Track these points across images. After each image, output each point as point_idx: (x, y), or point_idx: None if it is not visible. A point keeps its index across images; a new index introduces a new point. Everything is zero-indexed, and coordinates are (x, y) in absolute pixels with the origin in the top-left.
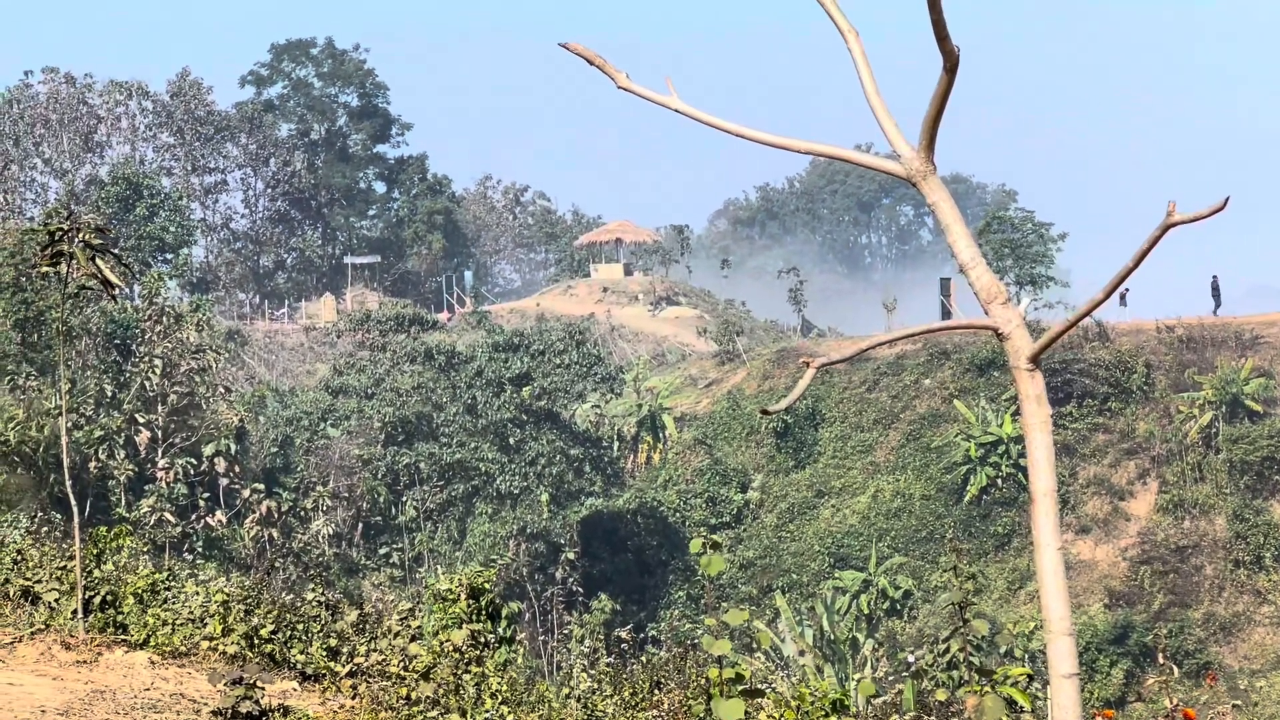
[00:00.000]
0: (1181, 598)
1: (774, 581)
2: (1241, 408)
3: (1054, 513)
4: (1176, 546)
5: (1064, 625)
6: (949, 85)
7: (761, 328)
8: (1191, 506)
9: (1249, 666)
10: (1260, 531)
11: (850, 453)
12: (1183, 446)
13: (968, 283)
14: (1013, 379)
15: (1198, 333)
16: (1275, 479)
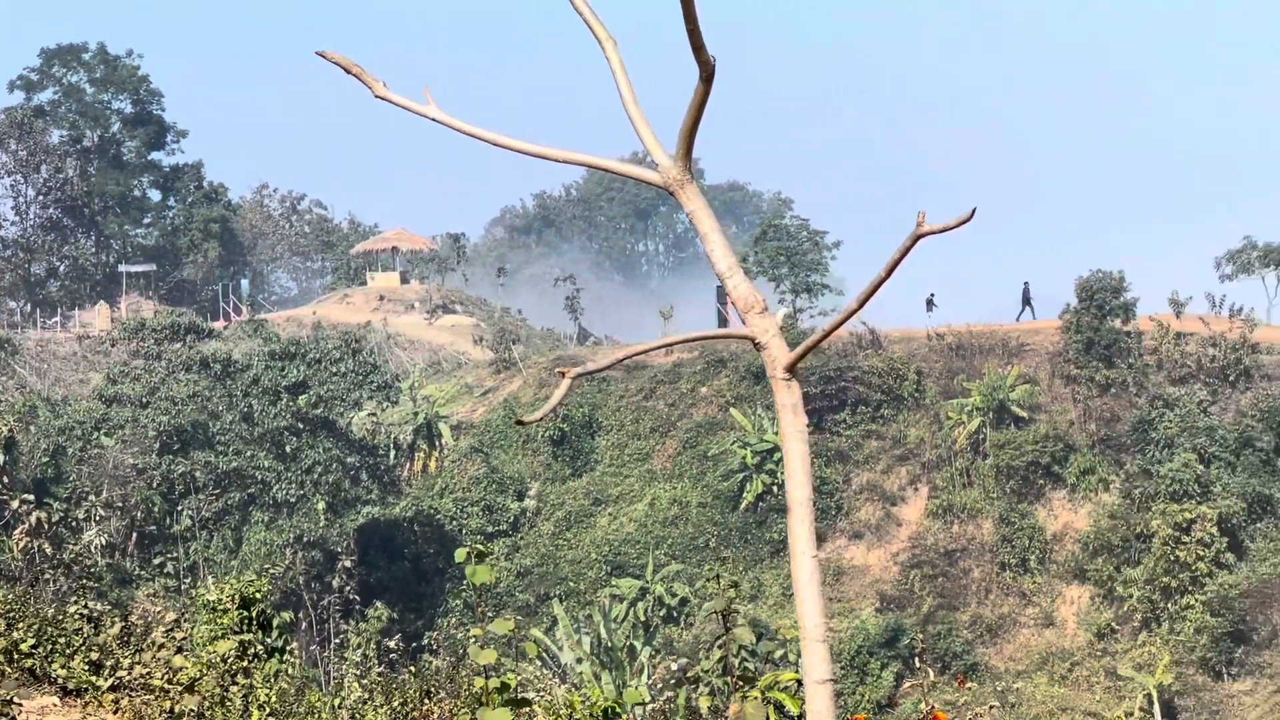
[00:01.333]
0: (950, 600)
1: (552, 589)
2: (1008, 414)
3: (809, 520)
4: (946, 550)
5: (818, 631)
6: (705, 95)
7: (538, 336)
8: (960, 511)
9: (1014, 667)
10: (1025, 535)
11: (627, 460)
12: (952, 452)
13: (725, 291)
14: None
15: (967, 340)
16: (1040, 483)
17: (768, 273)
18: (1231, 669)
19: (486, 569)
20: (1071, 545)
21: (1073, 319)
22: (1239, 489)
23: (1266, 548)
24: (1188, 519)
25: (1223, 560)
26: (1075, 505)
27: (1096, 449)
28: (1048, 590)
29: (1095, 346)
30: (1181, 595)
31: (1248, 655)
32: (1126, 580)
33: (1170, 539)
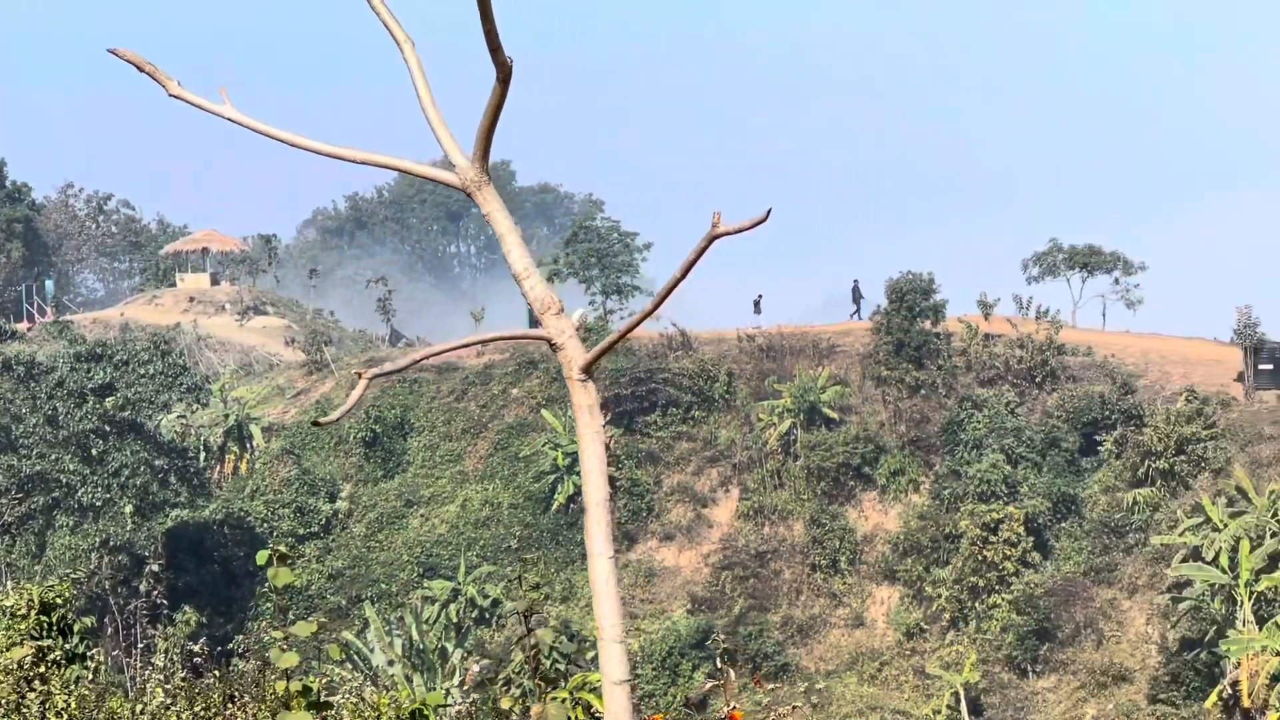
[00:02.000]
0: (761, 601)
1: (364, 591)
2: (819, 415)
3: (607, 521)
4: (757, 552)
5: (616, 632)
6: (502, 96)
7: (350, 337)
8: (771, 512)
9: (824, 667)
10: (836, 536)
11: (439, 462)
12: (763, 454)
13: (521, 293)
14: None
15: (778, 341)
16: (850, 485)
17: (579, 274)
18: (1036, 666)
19: (288, 571)
20: (881, 546)
21: (883, 320)
22: (1045, 489)
23: (1071, 547)
24: (995, 519)
25: (1029, 559)
26: (885, 506)
27: (906, 450)
28: (858, 591)
29: (905, 348)
30: (989, 594)
31: (1052, 652)
32: (935, 580)
33: (978, 539)
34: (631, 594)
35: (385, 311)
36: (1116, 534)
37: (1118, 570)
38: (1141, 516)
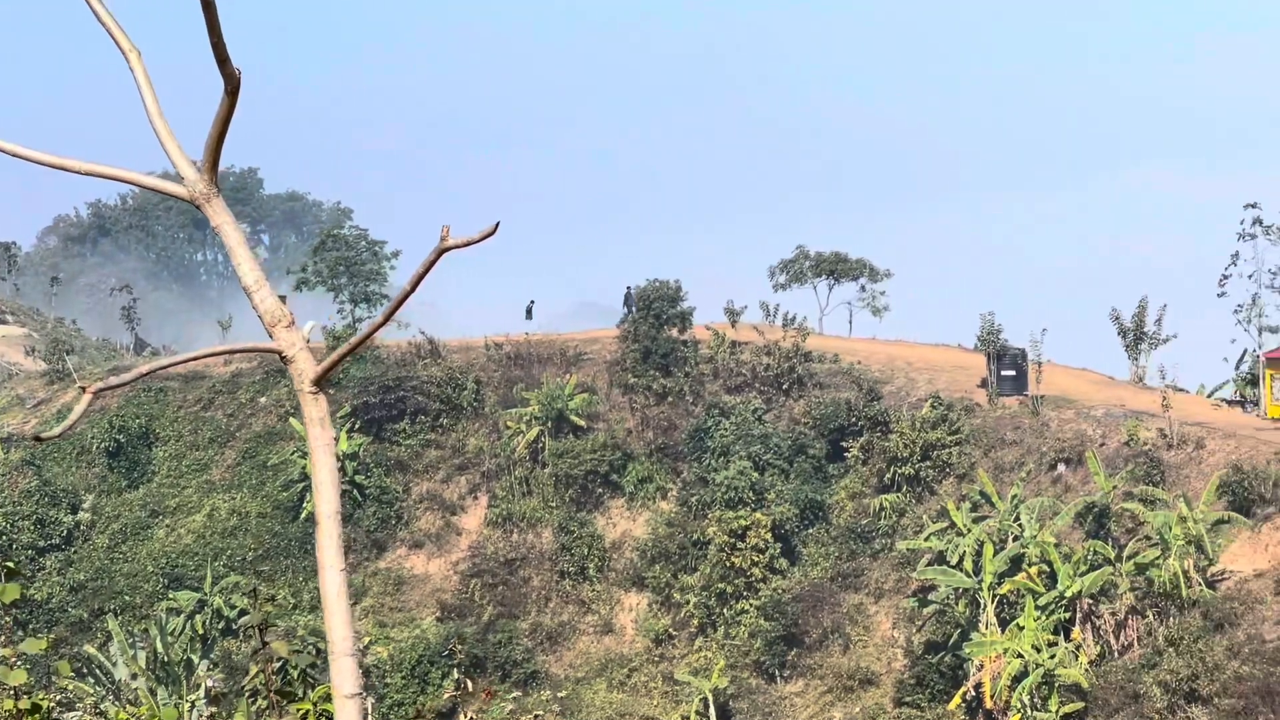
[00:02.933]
0: (510, 609)
1: (107, 604)
2: (566, 423)
3: (337, 534)
4: (506, 559)
5: (346, 645)
6: (231, 108)
7: (94, 346)
8: (520, 520)
9: (574, 674)
10: (584, 543)
11: (185, 471)
12: (511, 461)
13: (251, 305)
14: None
15: (526, 349)
16: (598, 492)
17: (327, 283)
18: (784, 671)
19: (15, 587)
20: (630, 553)
21: (630, 328)
22: (792, 496)
23: (818, 552)
24: (743, 525)
25: (776, 565)
26: (633, 513)
27: (654, 457)
28: (607, 598)
29: (652, 355)
30: (736, 600)
31: (799, 658)
32: (684, 587)
33: (726, 545)
34: (381, 602)
35: (130, 320)
36: (863, 539)
37: (864, 575)
38: (887, 522)
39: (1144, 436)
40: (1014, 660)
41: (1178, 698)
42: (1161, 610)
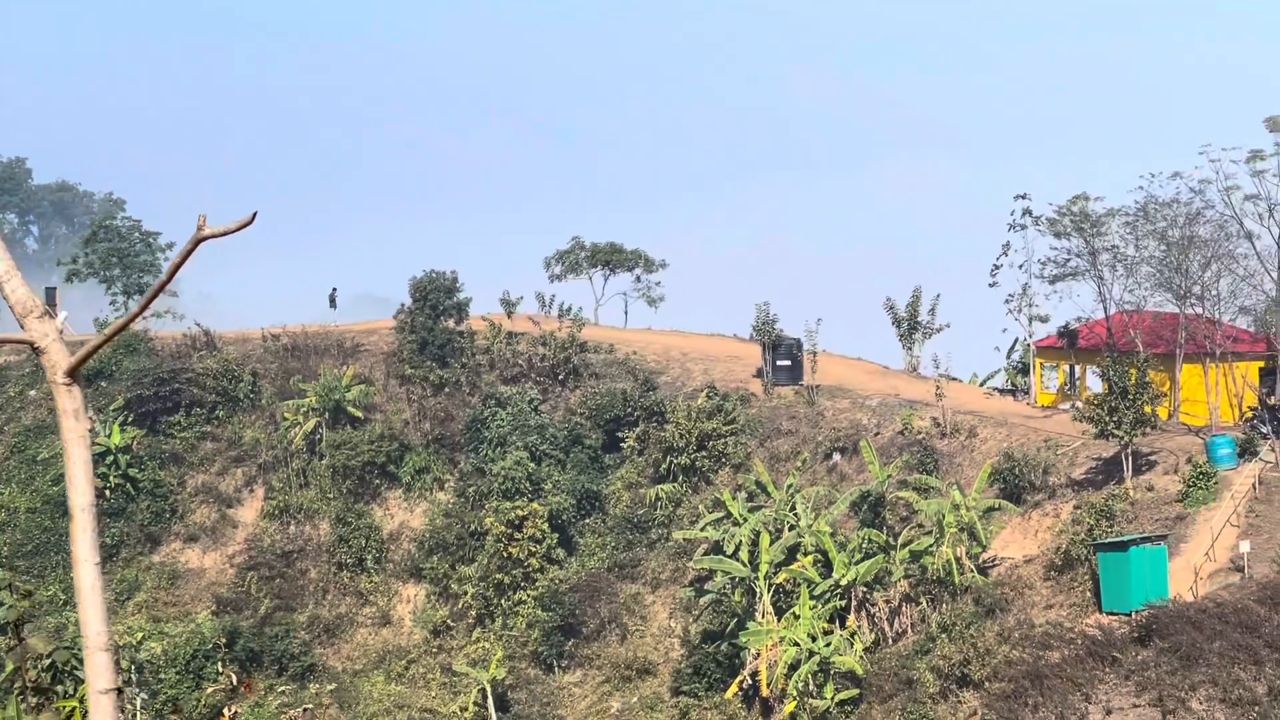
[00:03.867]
0: (288, 601)
1: None
2: (343, 414)
3: (92, 528)
4: (283, 552)
5: (101, 640)
6: None
7: None
8: (297, 512)
9: (351, 667)
10: (362, 535)
11: None
12: (288, 453)
13: (2, 296)
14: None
15: (303, 341)
16: (376, 483)
17: (99, 274)
18: (562, 661)
19: None
20: (407, 544)
21: (406, 319)
22: (569, 485)
23: (595, 543)
24: (520, 516)
25: (553, 556)
26: (411, 504)
27: (431, 448)
28: (384, 589)
29: (429, 346)
30: (514, 591)
31: (577, 647)
32: (461, 578)
33: (503, 536)
34: (155, 597)
35: None
36: (640, 529)
37: (641, 565)
38: (664, 512)
39: (918, 425)
40: (790, 648)
41: (950, 682)
42: (935, 597)
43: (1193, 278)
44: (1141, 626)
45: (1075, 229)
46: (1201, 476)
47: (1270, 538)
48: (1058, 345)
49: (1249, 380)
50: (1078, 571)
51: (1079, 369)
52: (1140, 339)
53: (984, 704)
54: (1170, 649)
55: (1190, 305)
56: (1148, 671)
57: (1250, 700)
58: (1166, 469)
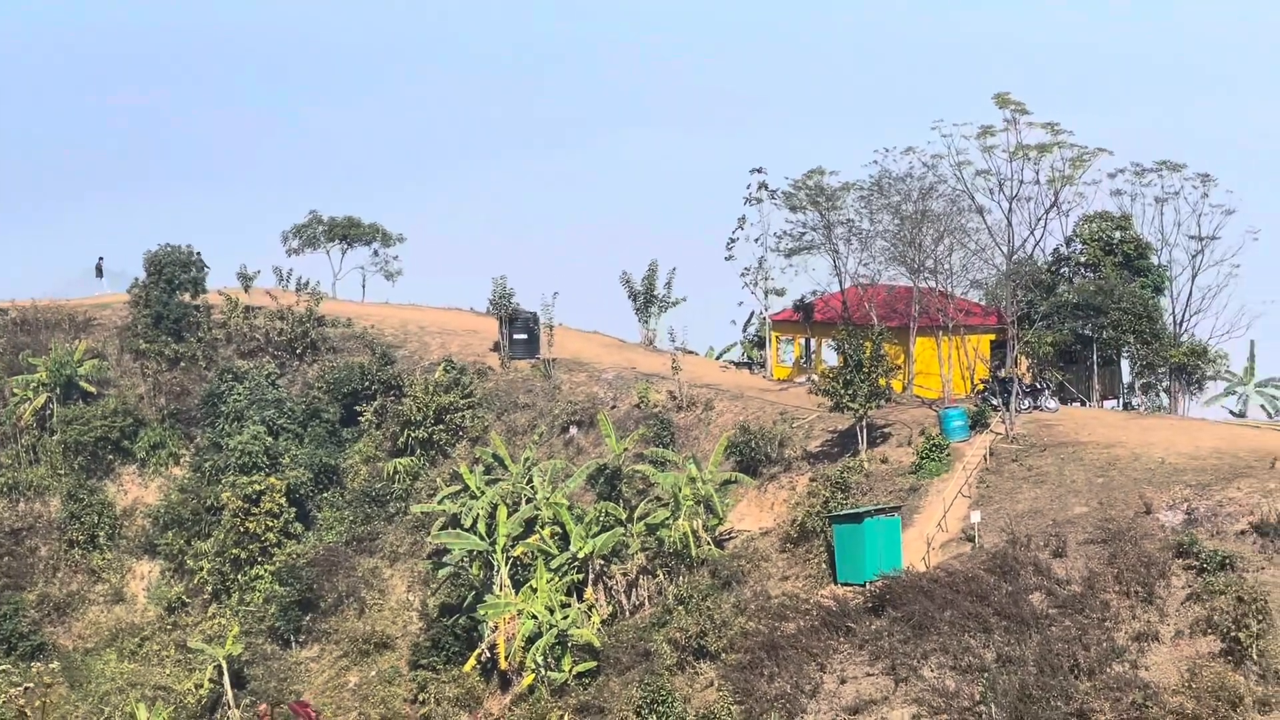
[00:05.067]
0: (17, 580)
1: None
2: (76, 389)
3: None
4: (11, 529)
5: None
6: None
7: None
8: (26, 489)
9: (83, 645)
10: (94, 511)
11: None
12: (17, 429)
13: None
14: None
15: (31, 315)
16: (109, 459)
17: None
18: (299, 636)
19: None
20: (142, 520)
21: (141, 293)
22: (306, 460)
23: (333, 516)
24: (257, 491)
25: (291, 530)
26: (145, 480)
27: (166, 423)
28: (117, 566)
29: (164, 320)
30: (251, 566)
31: (315, 622)
32: (197, 553)
33: (240, 511)
34: None
35: None
36: (378, 503)
37: (379, 539)
38: (402, 485)
39: (654, 398)
40: (528, 621)
41: (687, 654)
42: (672, 569)
43: (926, 252)
44: (875, 597)
45: (810, 203)
46: (934, 448)
47: (1000, 508)
48: (793, 319)
49: (980, 353)
50: (813, 543)
51: (814, 342)
52: (875, 312)
53: (721, 675)
54: (903, 618)
55: (924, 279)
56: (881, 641)
57: (980, 667)
58: (900, 441)
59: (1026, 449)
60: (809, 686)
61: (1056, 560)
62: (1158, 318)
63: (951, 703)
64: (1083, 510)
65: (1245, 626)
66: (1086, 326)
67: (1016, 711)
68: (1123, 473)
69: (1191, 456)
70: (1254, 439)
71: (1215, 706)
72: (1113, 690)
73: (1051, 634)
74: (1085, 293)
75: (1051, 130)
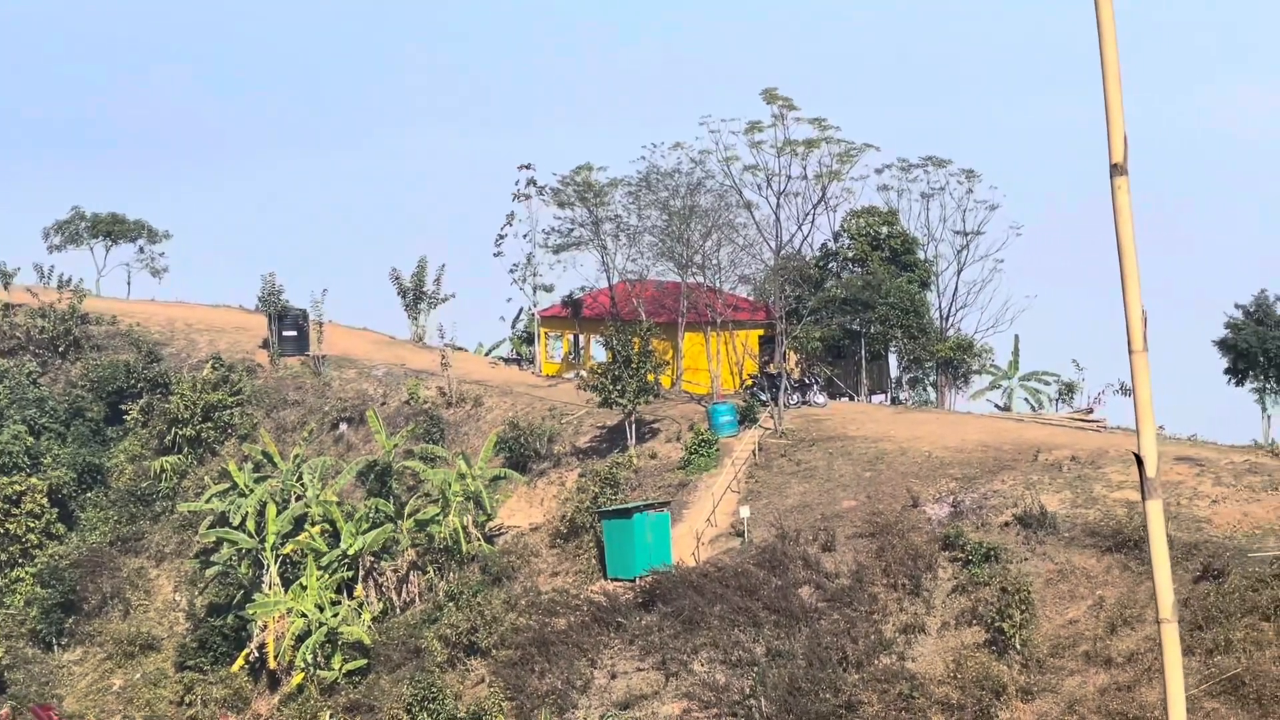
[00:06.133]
0: None
1: None
2: None
3: None
4: None
5: None
6: None
7: None
8: None
9: None
10: None
11: None
12: None
13: None
14: None
15: None
16: None
17: None
18: (62, 639)
19: None
20: None
21: None
22: (69, 459)
23: (97, 517)
24: (18, 491)
25: (53, 531)
26: None
27: None
28: None
29: None
30: (12, 568)
31: (78, 625)
32: None
33: (0, 512)
34: None
35: None
36: (144, 502)
37: (145, 539)
38: (168, 484)
39: (424, 395)
40: (298, 620)
41: (458, 650)
42: (442, 566)
43: (694, 247)
44: (645, 592)
45: (579, 199)
46: (703, 444)
47: (769, 503)
48: (562, 315)
49: (749, 348)
50: (583, 539)
51: (583, 338)
52: (643, 308)
53: (492, 671)
54: (673, 613)
55: (692, 274)
56: (651, 636)
57: (749, 661)
58: (669, 437)
59: (795, 444)
60: (580, 682)
61: (825, 554)
62: (924, 312)
63: (721, 696)
64: (851, 504)
65: (1009, 617)
66: (854, 321)
67: (786, 704)
68: (890, 466)
69: (957, 450)
70: (1018, 432)
71: (979, 696)
72: (880, 682)
73: (820, 627)
74: (853, 288)
75: (819, 126)
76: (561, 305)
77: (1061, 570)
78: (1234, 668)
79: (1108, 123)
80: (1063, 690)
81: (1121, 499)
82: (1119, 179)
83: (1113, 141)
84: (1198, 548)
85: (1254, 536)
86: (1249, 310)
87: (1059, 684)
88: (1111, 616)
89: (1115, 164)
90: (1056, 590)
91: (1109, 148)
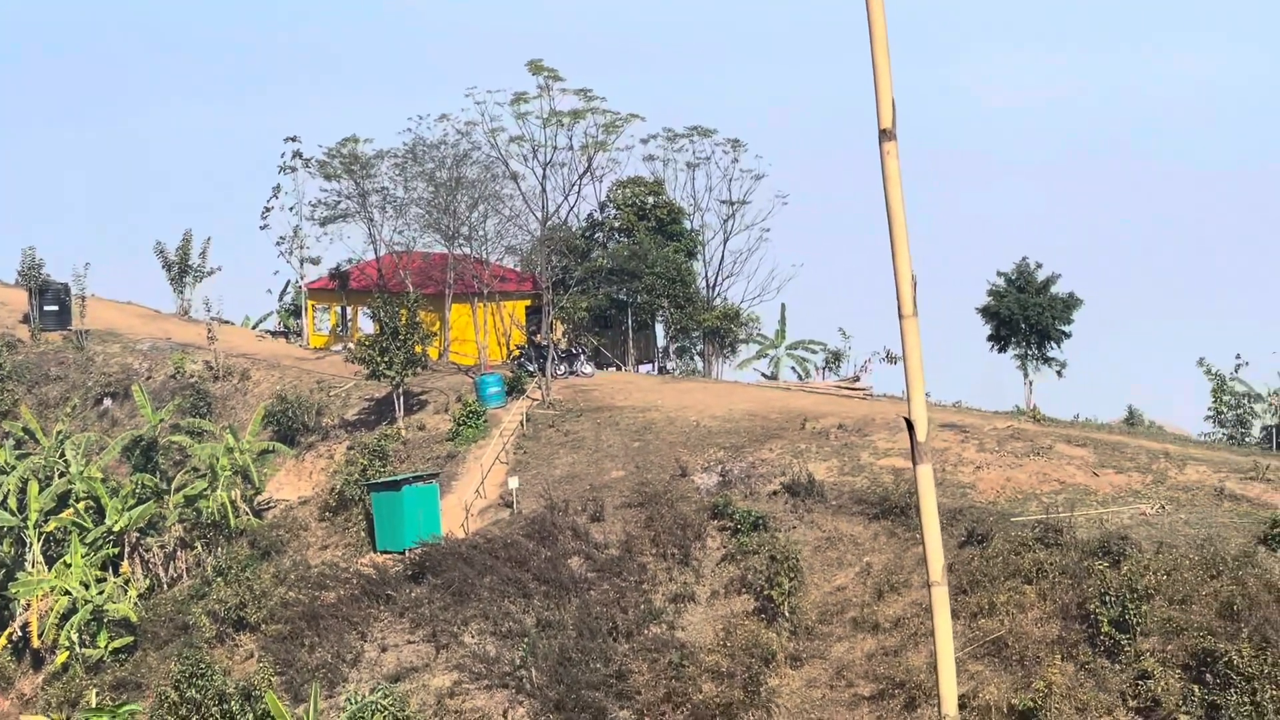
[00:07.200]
0: None
1: None
2: None
3: None
4: None
5: None
6: None
7: None
8: None
9: None
10: None
11: None
12: None
13: None
14: None
15: None
16: None
17: None
18: None
19: None
20: None
21: None
22: None
23: None
24: None
25: None
26: None
27: None
28: None
29: None
30: None
31: None
32: None
33: None
34: None
35: None
36: None
37: None
38: None
39: (190, 369)
40: (62, 598)
41: (226, 626)
42: (210, 540)
43: (460, 218)
44: (415, 564)
45: (345, 171)
46: (471, 415)
47: (538, 473)
48: (330, 287)
49: (517, 319)
50: (352, 512)
51: (351, 310)
52: (410, 280)
53: (261, 646)
54: (443, 585)
55: (459, 246)
56: (421, 608)
57: (520, 632)
58: (438, 408)
59: (563, 414)
60: (350, 655)
61: (594, 524)
62: (691, 282)
63: (492, 668)
64: (620, 474)
65: (778, 585)
66: (621, 291)
67: (556, 675)
68: (659, 436)
69: (725, 419)
70: (785, 400)
71: (749, 663)
72: (650, 651)
73: (590, 597)
74: (619, 258)
75: (585, 97)
76: (329, 277)
77: (829, 538)
78: (997, 630)
79: (876, 89)
80: (831, 656)
81: (888, 466)
82: (888, 144)
83: (881, 107)
84: (962, 513)
85: (1016, 501)
86: (1011, 278)
87: (827, 650)
88: (878, 582)
89: (884, 129)
90: (824, 557)
91: (878, 113)
